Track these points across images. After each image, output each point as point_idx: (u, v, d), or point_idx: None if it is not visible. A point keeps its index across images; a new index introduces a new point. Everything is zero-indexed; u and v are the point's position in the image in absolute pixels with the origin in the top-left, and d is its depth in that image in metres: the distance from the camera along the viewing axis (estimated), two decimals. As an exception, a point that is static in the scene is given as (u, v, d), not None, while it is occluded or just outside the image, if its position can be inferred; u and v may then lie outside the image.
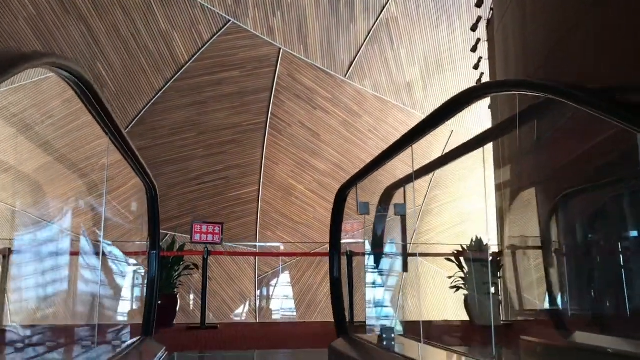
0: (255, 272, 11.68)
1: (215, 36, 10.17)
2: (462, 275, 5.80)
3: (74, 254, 3.76)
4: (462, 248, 6.08)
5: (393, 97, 11.86)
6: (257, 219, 11.56)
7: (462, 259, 5.91)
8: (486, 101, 10.97)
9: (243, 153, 11.16)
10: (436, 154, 12.94)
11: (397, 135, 12.45)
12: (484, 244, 5.50)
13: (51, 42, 9.05)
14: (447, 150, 13.02)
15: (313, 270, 12.18)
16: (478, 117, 12.87)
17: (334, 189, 12.45)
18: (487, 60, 9.90)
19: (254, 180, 11.40)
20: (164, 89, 10.13)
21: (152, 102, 10.13)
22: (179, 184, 10.79)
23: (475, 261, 5.50)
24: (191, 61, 10.13)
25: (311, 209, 12.00)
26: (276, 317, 12.26)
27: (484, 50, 10.14)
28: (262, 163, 11.34)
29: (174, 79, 10.13)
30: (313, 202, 12.00)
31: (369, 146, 12.09)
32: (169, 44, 9.90)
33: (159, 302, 5.92)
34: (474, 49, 10.17)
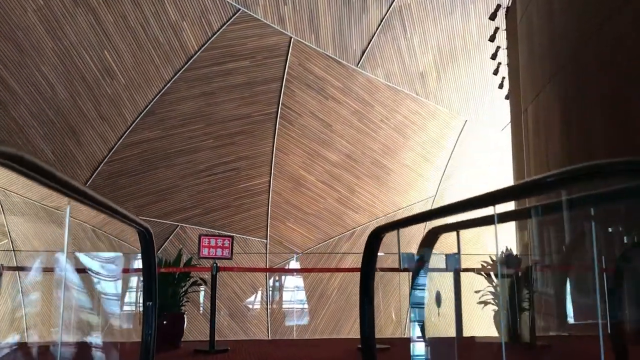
0: (267, 264, 11.63)
1: (225, 25, 10.03)
2: (491, 289, 5.27)
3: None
4: (492, 260, 5.58)
5: (406, 87, 11.67)
6: (267, 210, 11.48)
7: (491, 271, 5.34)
8: (502, 91, 10.76)
9: (253, 144, 11.05)
10: (450, 143, 12.78)
11: (410, 126, 12.22)
12: (515, 254, 5.16)
13: (59, 33, 8.97)
14: (460, 140, 12.86)
15: (324, 263, 12.10)
16: (492, 106, 12.66)
17: (345, 180, 12.37)
18: (506, 50, 9.67)
19: (265, 171, 11.30)
20: (173, 79, 10.03)
21: (161, 92, 10.04)
22: (188, 175, 10.72)
23: (508, 276, 5.06)
24: (200, 51, 10.01)
25: (322, 199, 11.89)
26: (286, 306, 12.22)
27: (502, 39, 9.91)
28: (272, 154, 11.23)
29: (183, 69, 10.02)
30: (324, 192, 11.89)
31: (380, 136, 11.94)
32: (178, 34, 9.78)
33: (165, 322, 5.64)
34: (492, 39, 9.94)
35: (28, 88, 9.12)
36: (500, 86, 10.17)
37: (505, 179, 13.54)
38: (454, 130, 12.66)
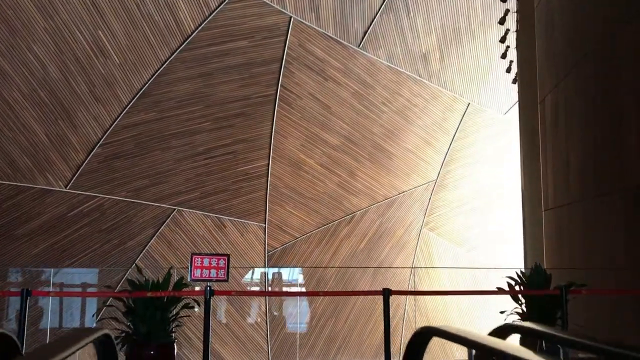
0: (265, 248, 11.45)
1: (223, 4, 9.75)
2: (519, 310, 4.65)
3: None
4: (519, 277, 4.87)
5: (408, 68, 11.41)
6: (266, 194, 11.27)
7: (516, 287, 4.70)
8: (507, 75, 10.50)
9: (252, 126, 10.82)
10: (452, 127, 12.55)
11: (412, 108, 12.01)
12: (543, 268, 4.56)
13: (51, 11, 8.70)
14: (463, 124, 12.62)
15: (323, 247, 11.93)
16: (495, 91, 12.41)
17: (345, 163, 12.17)
18: (515, 33, 9.39)
19: (263, 154, 11.08)
20: (169, 60, 9.77)
21: (157, 73, 9.79)
22: (185, 158, 10.50)
23: (538, 298, 4.29)
24: (197, 31, 9.74)
25: (322, 183, 11.68)
26: (286, 288, 12.10)
27: (511, 21, 9.62)
28: (271, 137, 11.01)
29: (179, 49, 9.75)
30: (323, 176, 11.68)
31: (381, 119, 11.70)
32: (174, 13, 9.50)
33: (151, 352, 4.79)
34: (501, 21, 9.65)
35: (19, 68, 8.86)
36: (508, 70, 9.90)
37: (510, 165, 13.34)
38: (456, 113, 12.42)
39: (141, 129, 10.04)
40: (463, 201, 13.54)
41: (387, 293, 3.51)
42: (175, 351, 5.05)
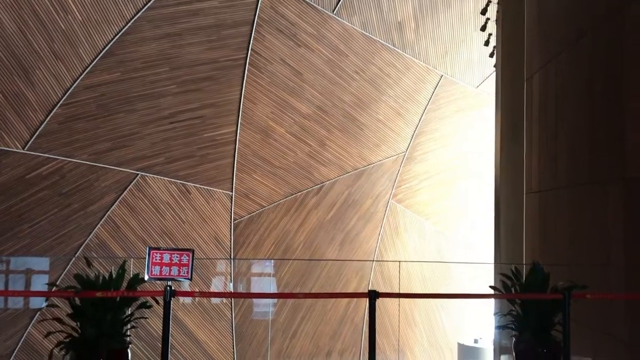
0: (231, 216, 11.25)
1: (192, -39, 9.32)
2: (514, 311, 4.22)
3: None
4: (512, 273, 4.38)
5: (382, 37, 11.19)
6: (233, 161, 11.02)
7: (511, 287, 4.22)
8: (484, 50, 10.35)
9: (220, 91, 10.48)
10: (424, 99, 12.43)
11: (384, 78, 11.81)
12: (541, 267, 4.13)
13: (7, -41, 8.16)
14: (435, 96, 12.51)
15: (291, 217, 11.80)
16: (469, 64, 12.32)
17: (316, 133, 11.99)
18: (497, 5, 9.19)
19: (231, 120, 10.78)
20: (134, 18, 9.32)
21: (121, 32, 9.34)
22: (151, 121, 10.14)
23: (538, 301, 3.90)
24: (165, -12, 9.31)
25: (292, 153, 11.48)
26: (255, 270, 11.97)
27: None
28: (240, 102, 10.70)
29: (146, 7, 9.31)
30: (294, 145, 11.46)
31: (353, 88, 11.50)
32: (140, -32, 9.05)
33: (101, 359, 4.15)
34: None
35: (-27, 20, 8.33)
36: (486, 43, 9.74)
37: (478, 140, 13.34)
38: (428, 85, 12.30)
39: (104, 90, 9.62)
40: (431, 174, 13.53)
41: (373, 295, 3.30)
42: (130, 356, 4.42)
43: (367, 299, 3.24)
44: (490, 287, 4.21)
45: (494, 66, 9.46)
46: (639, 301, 4.91)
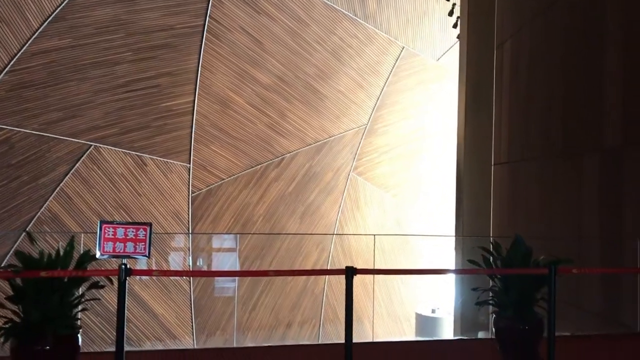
0: (189, 189, 11.00)
1: None
2: (496, 287, 4.00)
3: None
4: (492, 247, 4.12)
5: (344, 6, 10.98)
6: (191, 132, 10.73)
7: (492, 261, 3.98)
8: (446, 22, 10.27)
9: (177, 59, 10.13)
10: (385, 71, 12.33)
11: (346, 49, 11.56)
12: (523, 240, 3.94)
13: None
14: (396, 68, 12.42)
15: (250, 190, 11.62)
16: (430, 36, 12.24)
17: (276, 104, 11.76)
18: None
19: (189, 90, 10.46)
20: (86, -20, 8.87)
21: (72, -5, 8.89)
22: (103, 90, 9.74)
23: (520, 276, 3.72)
24: (118, -50, 8.86)
25: (251, 124, 11.25)
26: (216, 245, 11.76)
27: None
28: (198, 72, 10.38)
29: (97, -31, 8.87)
30: (254, 117, 11.23)
31: (315, 59, 11.30)
32: None
33: (47, 347, 3.66)
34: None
35: None
36: (450, 13, 9.64)
37: (437, 112, 13.36)
38: (390, 57, 12.19)
39: (54, 56, 9.17)
40: (391, 146, 13.52)
41: (350, 272, 3.15)
42: (80, 342, 3.89)
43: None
44: (469, 261, 4.00)
45: (457, 37, 9.39)
46: (613, 274, 4.96)
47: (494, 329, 3.89)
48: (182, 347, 10.98)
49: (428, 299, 13.21)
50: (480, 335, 7.18)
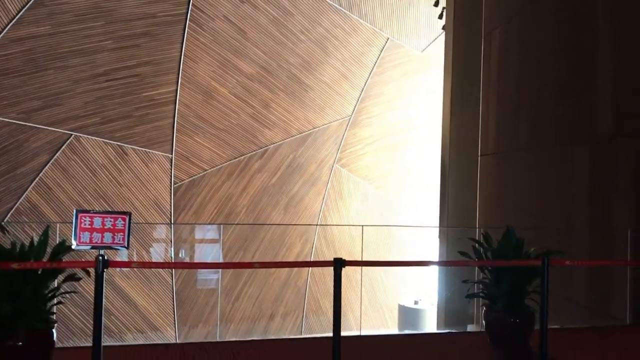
0: (172, 180, 10.88)
1: None
2: (486, 279, 3.92)
3: None
4: (483, 238, 4.01)
5: (329, -4, 10.89)
6: (173, 122, 10.59)
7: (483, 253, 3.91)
8: (430, 14, 10.23)
9: (159, 48, 9.97)
10: (370, 62, 12.26)
11: (331, 40, 11.45)
12: (514, 232, 3.87)
13: None
14: (380, 59, 12.35)
15: (234, 181, 11.52)
16: (415, 27, 12.18)
17: (260, 94, 11.64)
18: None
19: (171, 79, 10.31)
20: (65, -34, 8.68)
21: (51, -19, 8.69)
22: (84, 79, 9.56)
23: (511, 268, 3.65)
24: None
25: (234, 114, 11.13)
26: (198, 236, 11.67)
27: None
28: (180, 61, 10.23)
29: (77, -46, 8.67)
30: (237, 107, 11.11)
31: (299, 49, 11.19)
32: None
33: (19, 342, 3.49)
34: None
35: None
36: (436, 4, 9.59)
37: (421, 104, 13.33)
38: (375, 48, 12.12)
39: (33, 44, 8.97)
40: (375, 138, 13.49)
41: (339, 264, 3.09)
42: (55, 337, 3.69)
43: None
44: (460, 252, 3.91)
45: (443, 28, 9.34)
46: (602, 267, 4.95)
47: (484, 322, 3.82)
48: (163, 339, 10.90)
49: (411, 290, 13.25)
50: (469, 328, 7.17)
